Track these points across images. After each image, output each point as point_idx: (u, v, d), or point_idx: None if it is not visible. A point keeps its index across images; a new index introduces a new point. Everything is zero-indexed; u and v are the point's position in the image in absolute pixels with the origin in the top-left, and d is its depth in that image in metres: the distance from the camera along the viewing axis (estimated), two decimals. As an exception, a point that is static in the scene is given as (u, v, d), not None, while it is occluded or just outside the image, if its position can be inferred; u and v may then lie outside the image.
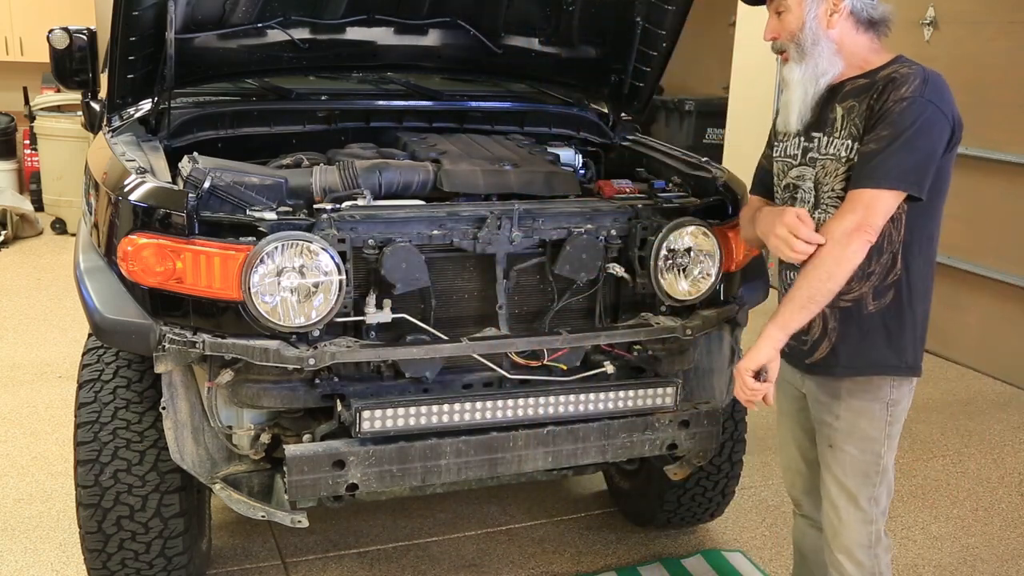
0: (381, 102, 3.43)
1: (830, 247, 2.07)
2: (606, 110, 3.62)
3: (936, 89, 2.07)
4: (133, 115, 3.11)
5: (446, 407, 2.45)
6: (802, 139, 2.27)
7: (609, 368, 2.62)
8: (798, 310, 2.12)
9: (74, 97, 6.81)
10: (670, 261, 2.62)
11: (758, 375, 2.15)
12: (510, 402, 2.50)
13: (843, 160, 2.15)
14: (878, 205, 2.05)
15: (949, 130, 2.08)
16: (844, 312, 2.21)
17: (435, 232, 2.47)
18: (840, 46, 2.17)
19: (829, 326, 2.23)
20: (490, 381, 2.58)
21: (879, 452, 2.27)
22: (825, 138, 2.21)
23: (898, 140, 2.03)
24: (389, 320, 2.42)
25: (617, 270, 2.63)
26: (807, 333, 2.26)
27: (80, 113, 3.87)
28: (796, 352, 2.31)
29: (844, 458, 2.28)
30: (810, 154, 2.25)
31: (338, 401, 2.45)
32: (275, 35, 3.19)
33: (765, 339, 2.14)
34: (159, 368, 2.38)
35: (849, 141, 2.14)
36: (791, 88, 2.22)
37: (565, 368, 2.59)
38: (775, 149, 2.39)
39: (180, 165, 2.53)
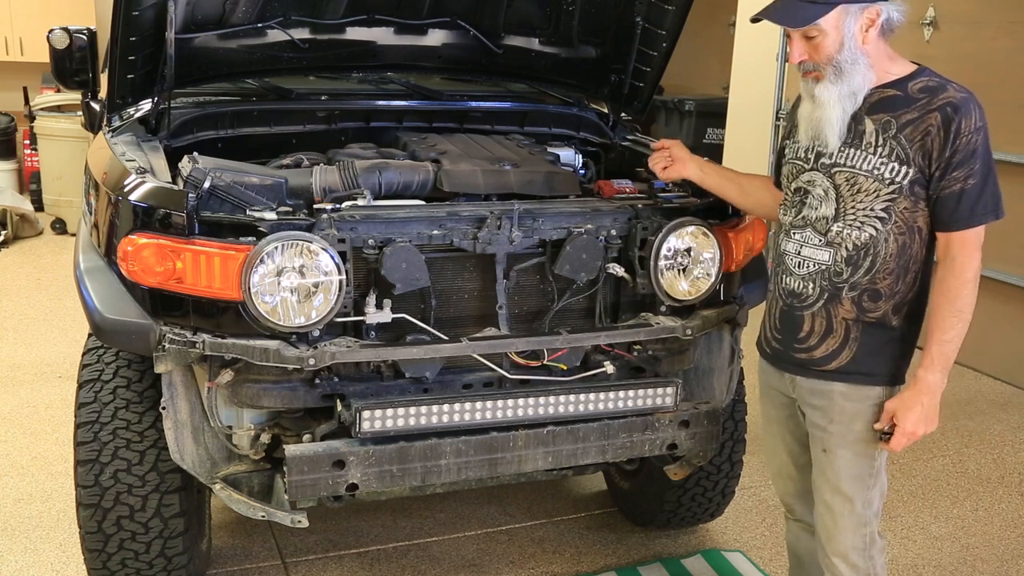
0: (381, 102, 3.43)
1: (964, 296, 2.10)
2: (606, 110, 3.62)
3: (983, 111, 2.10)
4: (133, 115, 3.10)
5: (446, 407, 2.45)
6: (815, 143, 2.23)
7: (609, 368, 2.62)
8: (955, 352, 2.16)
9: (74, 97, 6.81)
10: (670, 261, 2.62)
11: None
12: (510, 402, 2.50)
13: (886, 181, 2.11)
14: (980, 239, 2.12)
15: None
16: (868, 326, 2.21)
17: (435, 232, 2.46)
18: (873, 59, 2.12)
19: (851, 336, 2.22)
20: (490, 381, 2.58)
21: (873, 455, 2.27)
22: (849, 149, 2.16)
23: (989, 173, 2.08)
24: (389, 320, 2.41)
25: (617, 270, 2.63)
26: (809, 338, 2.25)
27: (80, 113, 3.87)
28: (794, 358, 2.30)
29: (839, 462, 2.27)
30: (822, 160, 2.21)
31: (338, 401, 2.45)
32: (275, 35, 3.19)
33: (939, 390, 2.19)
34: (159, 368, 2.38)
35: (896, 164, 2.10)
36: (827, 107, 2.13)
37: (565, 368, 2.58)
38: (787, 150, 2.36)
39: (180, 165, 2.52)
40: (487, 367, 2.55)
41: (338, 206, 2.44)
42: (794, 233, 2.27)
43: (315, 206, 2.46)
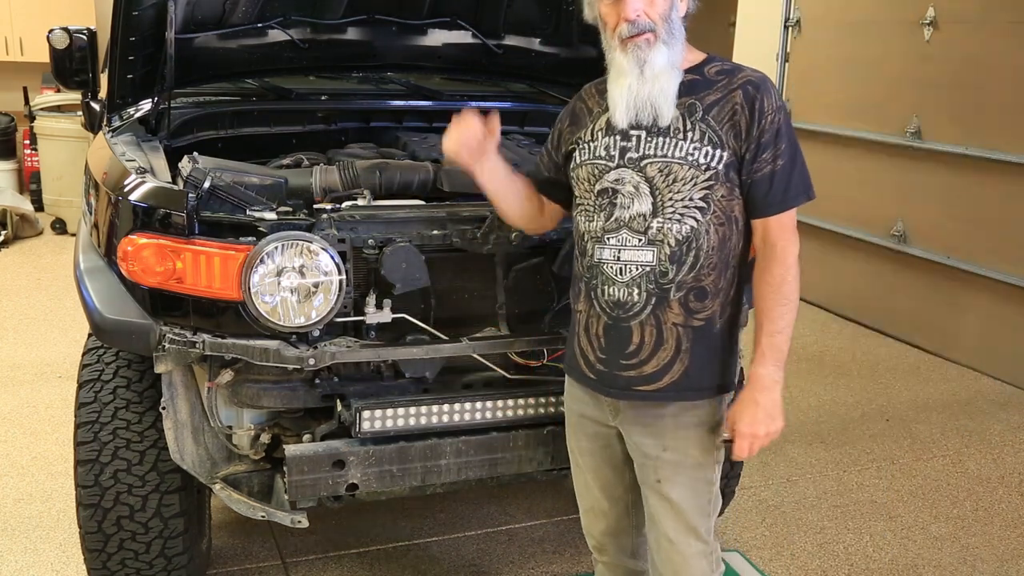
0: (381, 102, 3.43)
1: (790, 281, 2.01)
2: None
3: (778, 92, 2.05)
4: (133, 115, 3.11)
5: (446, 407, 2.46)
6: (618, 138, 2.05)
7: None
8: (787, 342, 2.03)
9: (74, 97, 6.81)
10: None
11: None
12: (510, 402, 2.50)
13: (702, 167, 1.97)
14: (795, 223, 2.04)
15: None
16: (698, 331, 2.03)
17: (435, 232, 2.47)
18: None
19: (683, 346, 2.03)
20: (490, 381, 2.58)
21: (710, 478, 2.14)
22: (656, 138, 2.00)
23: (796, 152, 2.01)
24: (389, 320, 2.42)
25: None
26: (640, 352, 2.04)
27: (80, 113, 3.87)
28: (620, 379, 2.08)
29: (678, 491, 2.11)
30: (629, 154, 2.02)
31: (338, 401, 2.45)
32: (275, 35, 3.20)
33: (776, 385, 2.03)
34: (159, 368, 2.38)
35: (710, 148, 1.97)
36: (662, 77, 1.98)
37: (565, 368, 2.59)
38: (580, 152, 2.13)
39: (180, 165, 2.52)
40: (487, 367, 2.55)
41: (338, 206, 2.44)
42: (608, 238, 2.04)
43: (315, 206, 2.47)
